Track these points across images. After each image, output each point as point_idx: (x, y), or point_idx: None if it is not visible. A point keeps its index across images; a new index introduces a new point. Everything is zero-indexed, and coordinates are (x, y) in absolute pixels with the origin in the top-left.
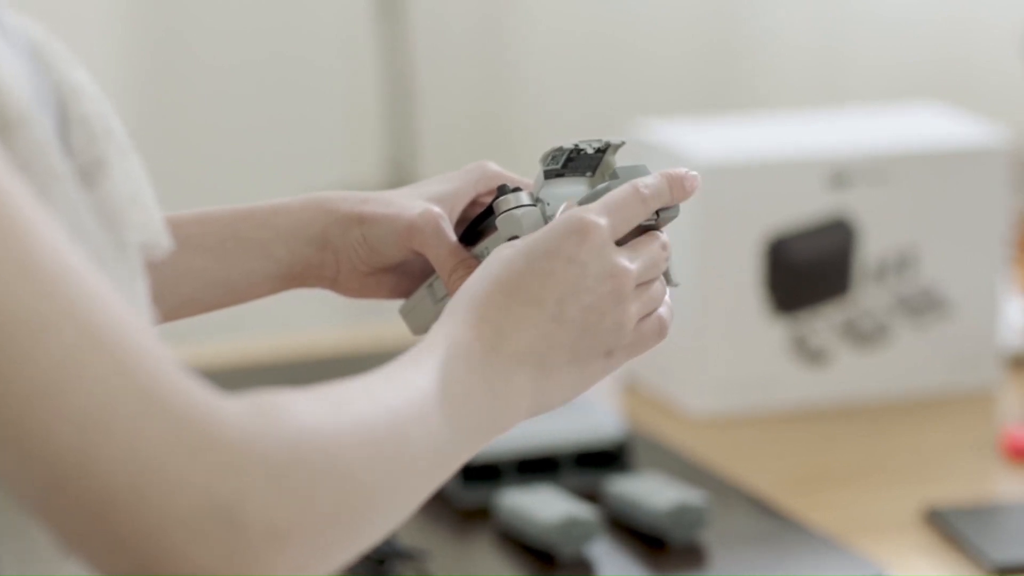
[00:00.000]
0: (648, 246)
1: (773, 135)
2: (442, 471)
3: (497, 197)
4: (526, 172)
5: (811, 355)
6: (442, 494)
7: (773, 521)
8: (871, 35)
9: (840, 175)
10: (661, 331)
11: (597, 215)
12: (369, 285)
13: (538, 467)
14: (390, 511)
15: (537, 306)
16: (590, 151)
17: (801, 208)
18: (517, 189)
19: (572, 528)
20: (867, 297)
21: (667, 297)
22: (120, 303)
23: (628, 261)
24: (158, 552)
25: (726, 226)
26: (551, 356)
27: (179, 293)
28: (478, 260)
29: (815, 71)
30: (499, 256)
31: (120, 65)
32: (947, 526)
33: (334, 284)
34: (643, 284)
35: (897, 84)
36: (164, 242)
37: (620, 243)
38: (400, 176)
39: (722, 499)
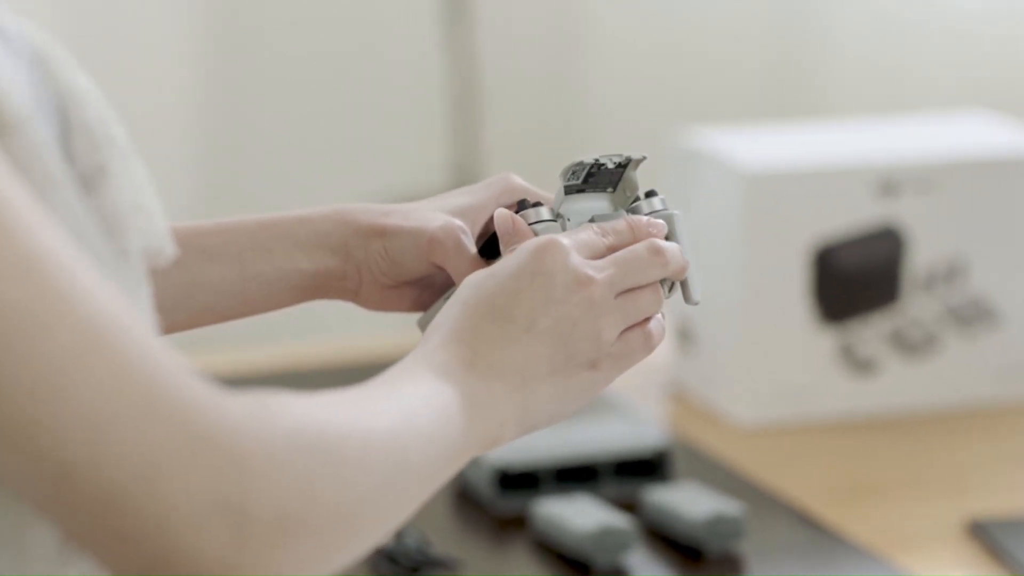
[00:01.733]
0: (624, 255)
1: (822, 143)
2: (436, 478)
3: (517, 212)
4: None
5: (858, 365)
6: (479, 502)
7: (813, 532)
8: (934, 45)
9: (889, 183)
10: (647, 344)
11: (559, 237)
12: (391, 298)
13: (577, 476)
14: (387, 513)
15: (509, 322)
16: (611, 166)
17: (849, 216)
18: (538, 204)
19: (607, 538)
20: (915, 306)
21: (661, 310)
22: (120, 304)
23: (595, 270)
24: (166, 549)
25: (773, 234)
26: (529, 370)
27: (198, 302)
28: None
29: (878, 81)
30: (469, 281)
31: (189, 69)
32: (989, 538)
33: (356, 296)
34: (626, 293)
35: (959, 94)
36: (168, 249)
37: None
38: (465, 181)
39: (762, 509)
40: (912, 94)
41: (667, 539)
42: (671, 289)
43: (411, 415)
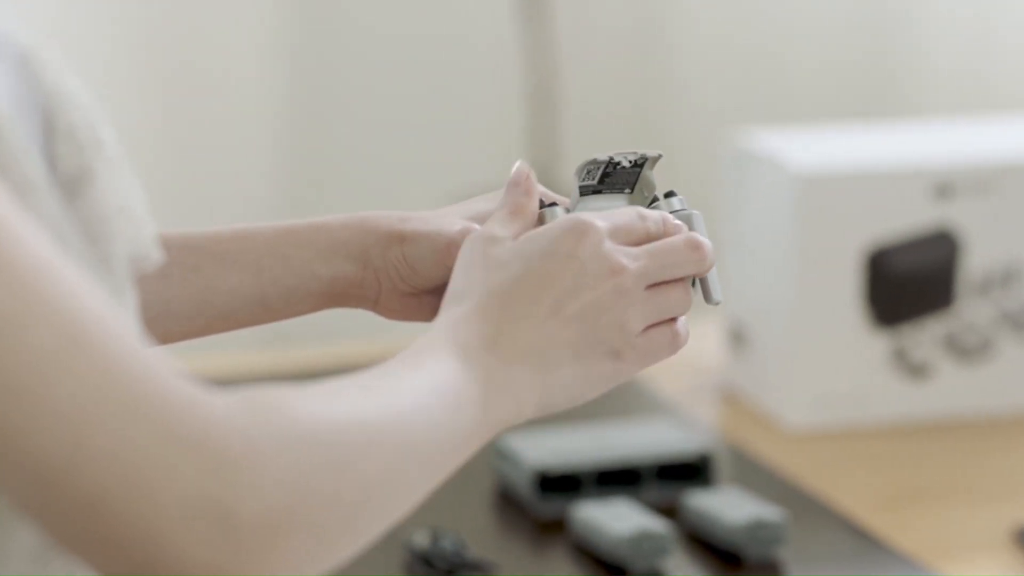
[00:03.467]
0: (661, 246)
1: (877, 145)
2: (446, 463)
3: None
4: (674, 177)
5: (912, 369)
6: (519, 504)
7: (856, 539)
8: (1018, 46)
9: (944, 186)
10: (673, 343)
11: (595, 219)
12: (410, 306)
13: (619, 479)
14: (392, 502)
15: (535, 304)
16: (627, 164)
17: (904, 219)
18: (553, 204)
19: (644, 542)
20: (971, 311)
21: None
22: (104, 304)
23: (630, 260)
24: (152, 551)
25: (826, 237)
26: (552, 353)
27: (216, 308)
28: None
29: (965, 83)
30: (493, 259)
31: (269, 70)
32: None
33: (375, 305)
34: (657, 286)
35: None
36: (154, 255)
37: None
38: (542, 179)
39: (806, 515)
40: (998, 96)
41: (707, 544)
42: (691, 289)
43: (424, 399)
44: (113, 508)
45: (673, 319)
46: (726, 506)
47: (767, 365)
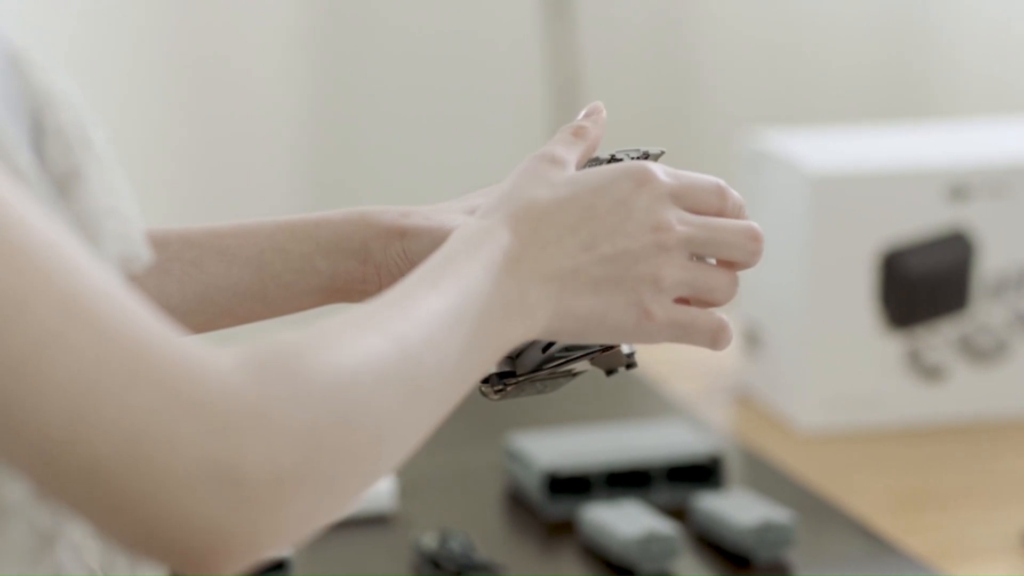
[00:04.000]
0: (719, 223)
1: (892, 146)
2: (453, 395)
3: None
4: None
5: (926, 371)
6: (529, 505)
7: (866, 542)
8: None
9: (959, 187)
10: (716, 333)
11: (662, 172)
12: None
13: (629, 481)
14: (401, 444)
15: (569, 234)
16: (628, 161)
17: (918, 221)
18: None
19: (652, 544)
20: (985, 313)
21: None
22: (100, 271)
23: (679, 221)
24: (160, 514)
25: (840, 238)
26: (573, 281)
27: (216, 304)
28: None
29: (989, 84)
30: (545, 177)
31: (288, 65)
32: None
33: None
34: (702, 261)
35: None
36: (144, 255)
37: None
38: None
39: (816, 518)
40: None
41: (716, 546)
42: None
43: (436, 331)
44: (118, 475)
45: (714, 306)
46: (735, 508)
47: (781, 367)
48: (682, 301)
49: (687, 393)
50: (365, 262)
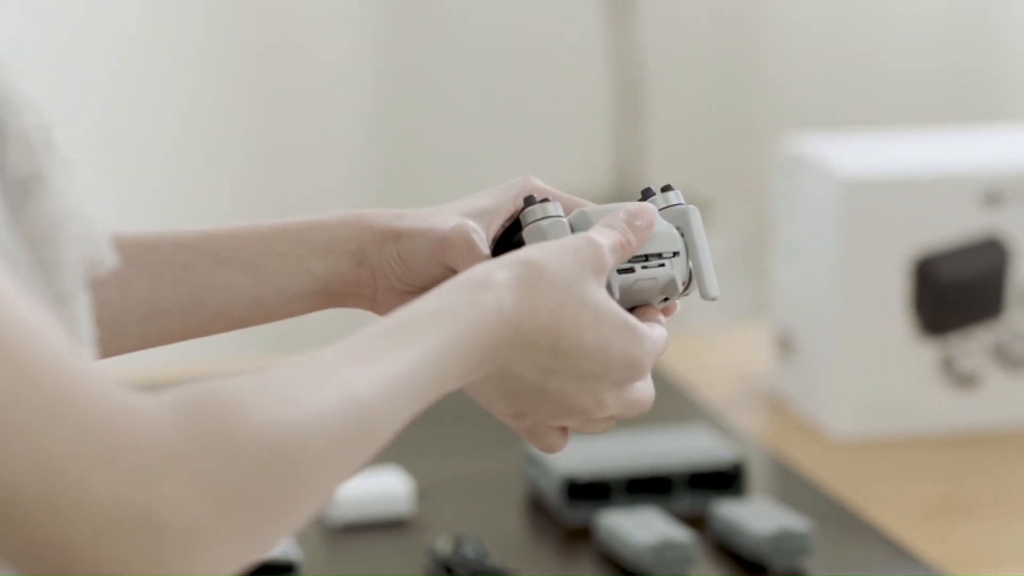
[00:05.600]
0: (635, 409)
1: (927, 151)
2: (387, 440)
3: (523, 209)
4: (761, 178)
5: (960, 379)
6: (548, 512)
7: (887, 551)
8: None
9: (993, 193)
10: (548, 444)
11: (647, 394)
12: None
13: (650, 487)
14: (329, 492)
15: (551, 356)
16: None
17: (952, 226)
18: (545, 200)
19: (667, 552)
20: (1020, 320)
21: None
22: (26, 306)
23: (616, 409)
24: (72, 556)
25: (873, 244)
26: (515, 395)
27: (210, 308)
28: None
29: None
30: (582, 295)
31: (360, 57)
32: None
33: (373, 304)
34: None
35: None
36: (108, 258)
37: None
38: (627, 182)
39: (839, 526)
40: None
41: (733, 554)
42: (688, 285)
43: (393, 388)
44: (34, 516)
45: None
46: (753, 516)
47: (813, 373)
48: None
49: (719, 399)
50: (360, 265)
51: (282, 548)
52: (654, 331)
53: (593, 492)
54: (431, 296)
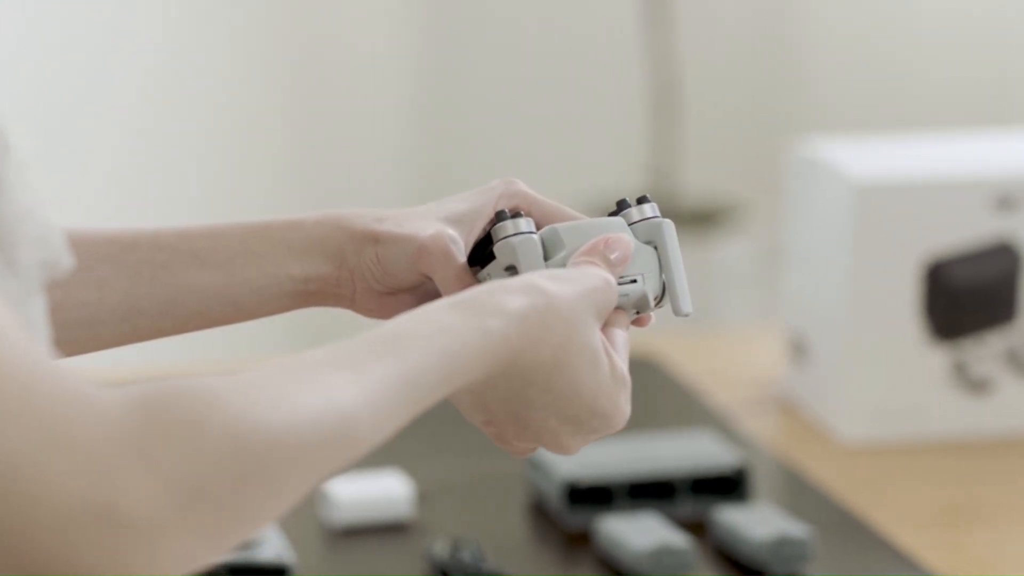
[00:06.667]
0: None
1: (937, 154)
2: (372, 447)
3: (494, 224)
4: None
5: (971, 384)
6: (550, 516)
7: (889, 559)
8: None
9: (1006, 197)
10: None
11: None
12: (387, 304)
13: (652, 492)
14: (298, 497)
15: (545, 391)
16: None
17: (963, 231)
18: (517, 215)
19: (664, 557)
20: None
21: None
22: None
23: (582, 442)
24: (32, 550)
25: (884, 248)
26: (490, 412)
27: (186, 307)
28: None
29: None
30: (585, 339)
31: (402, 69)
32: None
33: (352, 303)
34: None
35: None
36: (64, 261)
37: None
38: (662, 184)
39: (841, 532)
40: None
41: (733, 560)
42: (661, 299)
43: (374, 401)
44: None
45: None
46: (753, 522)
47: (824, 377)
48: None
49: (731, 402)
50: (340, 266)
51: (275, 550)
52: (620, 349)
53: (595, 496)
54: (436, 309)
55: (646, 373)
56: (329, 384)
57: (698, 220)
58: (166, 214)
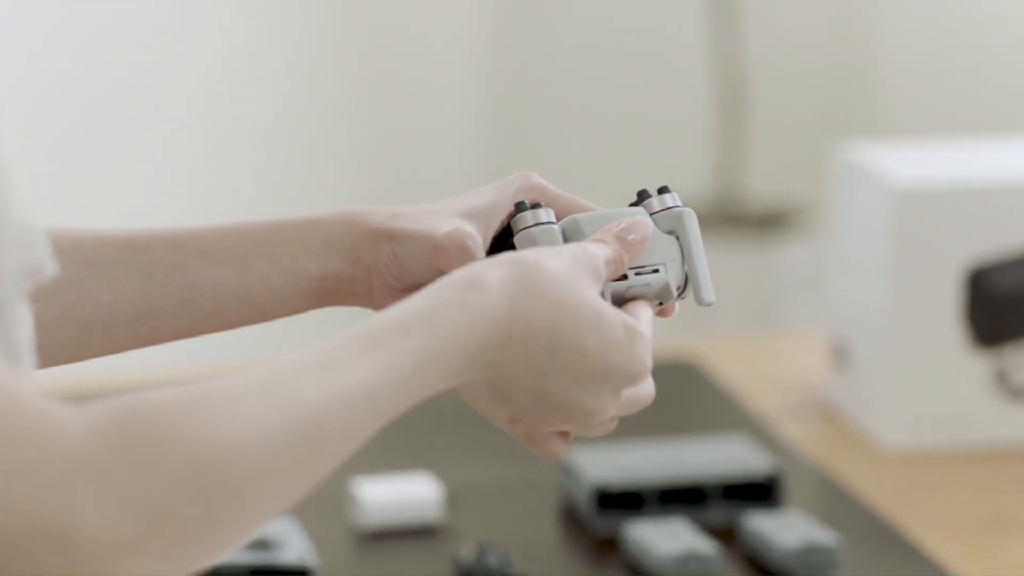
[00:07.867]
0: (634, 406)
1: (981, 159)
2: (351, 451)
3: (514, 215)
4: None
5: (1013, 392)
6: (580, 522)
7: (919, 567)
8: None
9: None
10: (547, 451)
11: (648, 392)
12: None
13: (683, 498)
14: (277, 509)
15: (547, 355)
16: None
17: (1005, 237)
18: (537, 205)
19: (690, 564)
20: None
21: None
22: None
23: (616, 412)
24: None
25: (925, 254)
26: (510, 399)
27: (201, 308)
28: None
29: None
30: (581, 301)
31: (473, 70)
32: None
33: (369, 301)
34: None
35: None
36: (48, 267)
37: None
38: (728, 184)
39: (873, 540)
40: None
41: (761, 567)
42: (684, 289)
43: (348, 404)
44: None
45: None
46: (782, 529)
47: (866, 383)
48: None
49: (771, 407)
50: (355, 263)
51: (297, 552)
52: (643, 323)
53: (625, 502)
54: (414, 298)
55: (685, 376)
56: (297, 386)
57: (763, 223)
58: (241, 213)
